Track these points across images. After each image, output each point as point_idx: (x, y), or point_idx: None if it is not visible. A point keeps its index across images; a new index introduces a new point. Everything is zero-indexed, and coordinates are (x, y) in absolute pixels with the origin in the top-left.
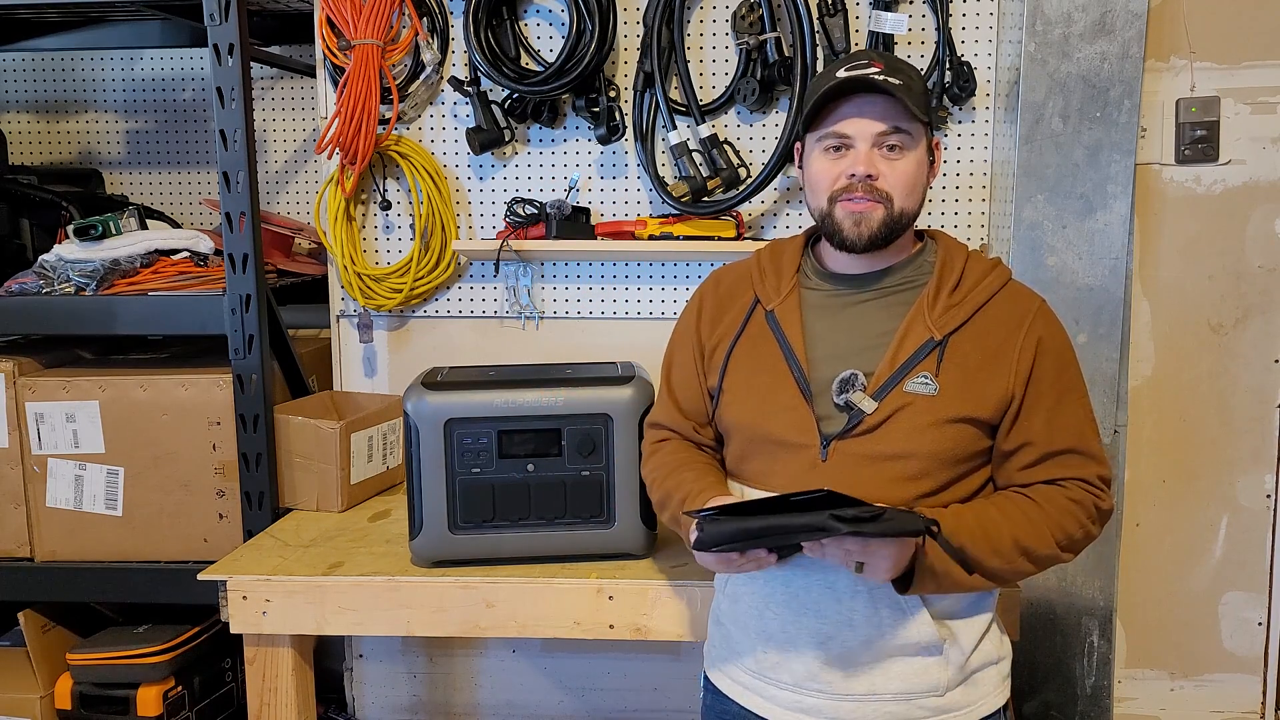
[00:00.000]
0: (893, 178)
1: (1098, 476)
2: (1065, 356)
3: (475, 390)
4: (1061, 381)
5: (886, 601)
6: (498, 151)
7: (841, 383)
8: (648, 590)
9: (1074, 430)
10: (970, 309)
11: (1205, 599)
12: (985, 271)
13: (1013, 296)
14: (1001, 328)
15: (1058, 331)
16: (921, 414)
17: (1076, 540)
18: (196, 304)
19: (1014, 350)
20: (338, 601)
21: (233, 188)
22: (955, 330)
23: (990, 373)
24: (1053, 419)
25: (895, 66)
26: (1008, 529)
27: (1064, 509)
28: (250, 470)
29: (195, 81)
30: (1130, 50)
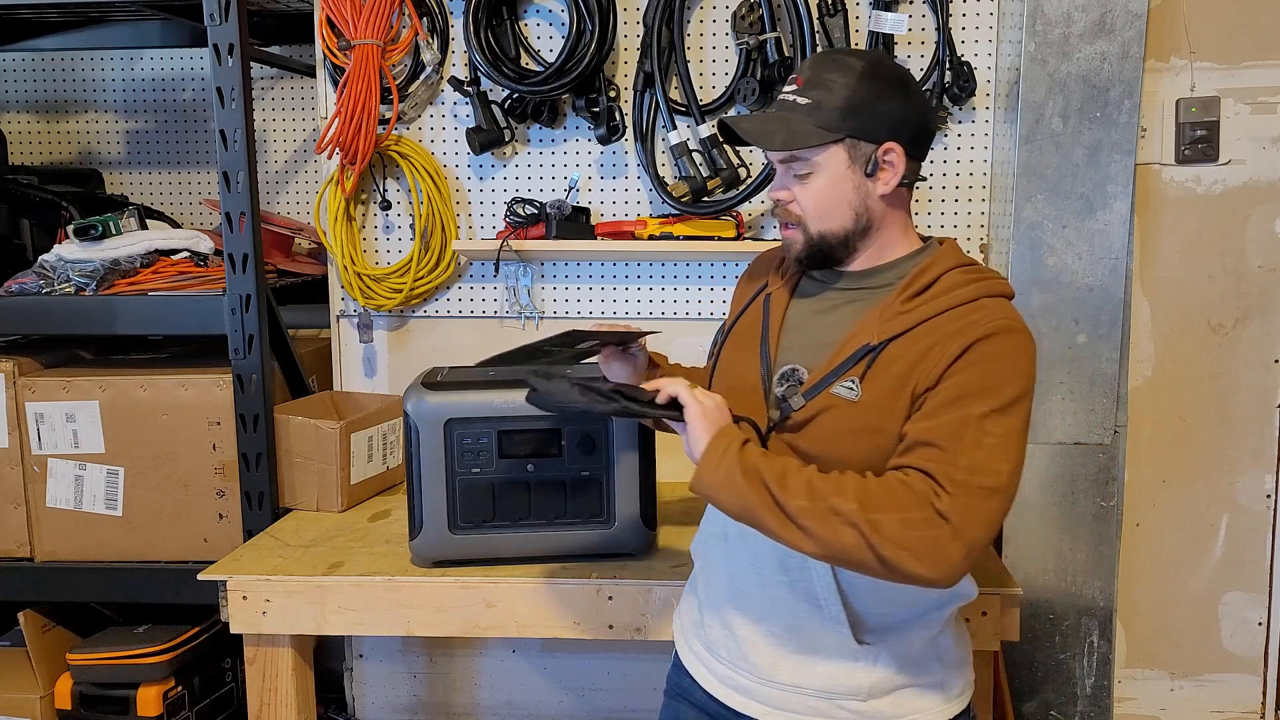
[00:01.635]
0: (804, 201)
1: (948, 477)
2: (992, 372)
3: (475, 390)
4: (971, 388)
5: (804, 594)
6: (498, 151)
7: (782, 376)
8: (648, 590)
9: (955, 431)
10: (918, 318)
11: (1205, 599)
12: (958, 284)
13: (973, 312)
14: (939, 340)
15: (1004, 350)
16: (840, 419)
17: (881, 522)
18: (196, 304)
19: (939, 356)
20: (338, 601)
21: (233, 188)
22: (895, 337)
23: (908, 383)
24: (938, 413)
25: (818, 79)
26: (811, 471)
27: (886, 483)
28: (250, 470)
29: (195, 81)
30: (1130, 50)
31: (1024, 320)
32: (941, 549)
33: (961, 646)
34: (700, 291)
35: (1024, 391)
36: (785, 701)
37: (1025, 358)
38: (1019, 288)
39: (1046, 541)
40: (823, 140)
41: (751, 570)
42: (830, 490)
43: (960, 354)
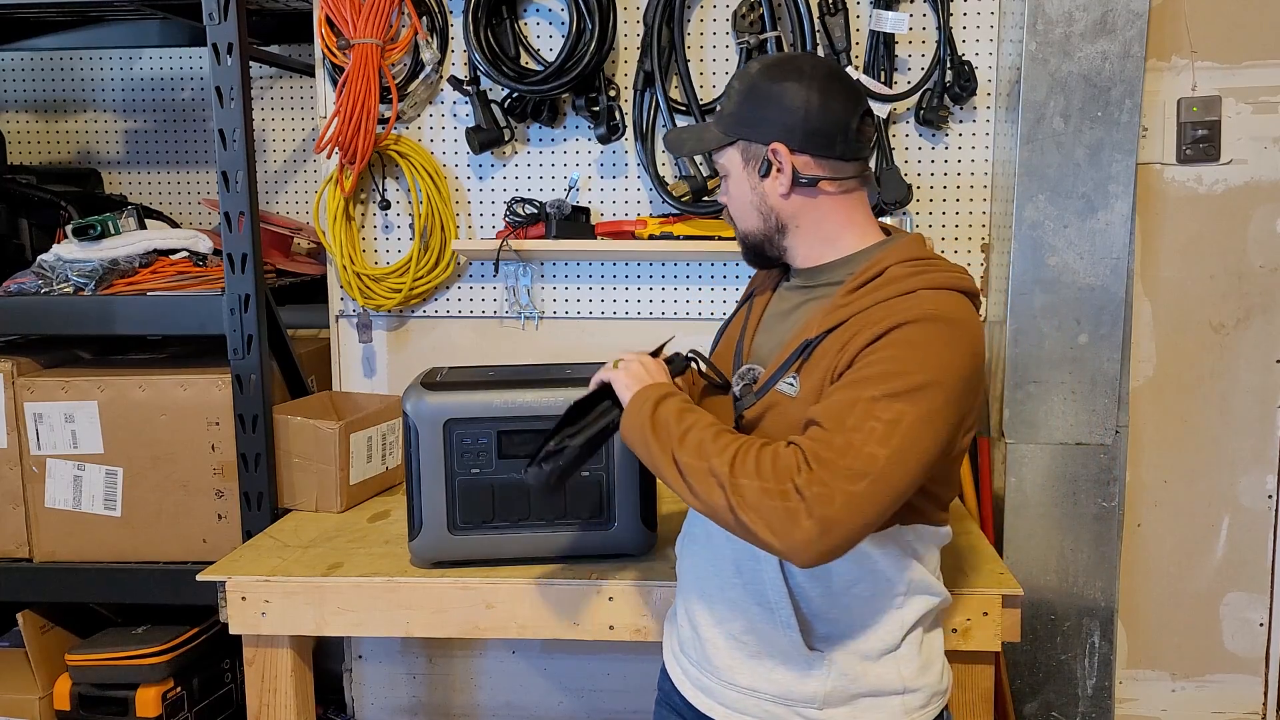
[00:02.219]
0: (727, 204)
1: (816, 455)
2: (902, 356)
3: (475, 390)
4: (873, 371)
5: (756, 596)
6: (497, 151)
7: (739, 376)
8: (648, 591)
9: (840, 412)
10: (854, 310)
11: (1207, 599)
12: (897, 278)
13: (903, 302)
14: (861, 324)
15: (918, 338)
16: (783, 416)
17: (743, 487)
18: (195, 304)
19: (857, 342)
20: (337, 602)
21: (232, 187)
22: (832, 330)
23: (831, 368)
24: (834, 393)
25: (726, 89)
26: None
27: (761, 452)
28: (249, 471)
29: (194, 81)
30: (1131, 49)
31: (970, 314)
32: (790, 522)
33: (927, 658)
34: (700, 291)
35: (932, 381)
36: (744, 705)
37: (944, 348)
38: (1020, 287)
39: (1048, 542)
40: (719, 144)
41: (712, 571)
42: (714, 451)
43: (874, 339)
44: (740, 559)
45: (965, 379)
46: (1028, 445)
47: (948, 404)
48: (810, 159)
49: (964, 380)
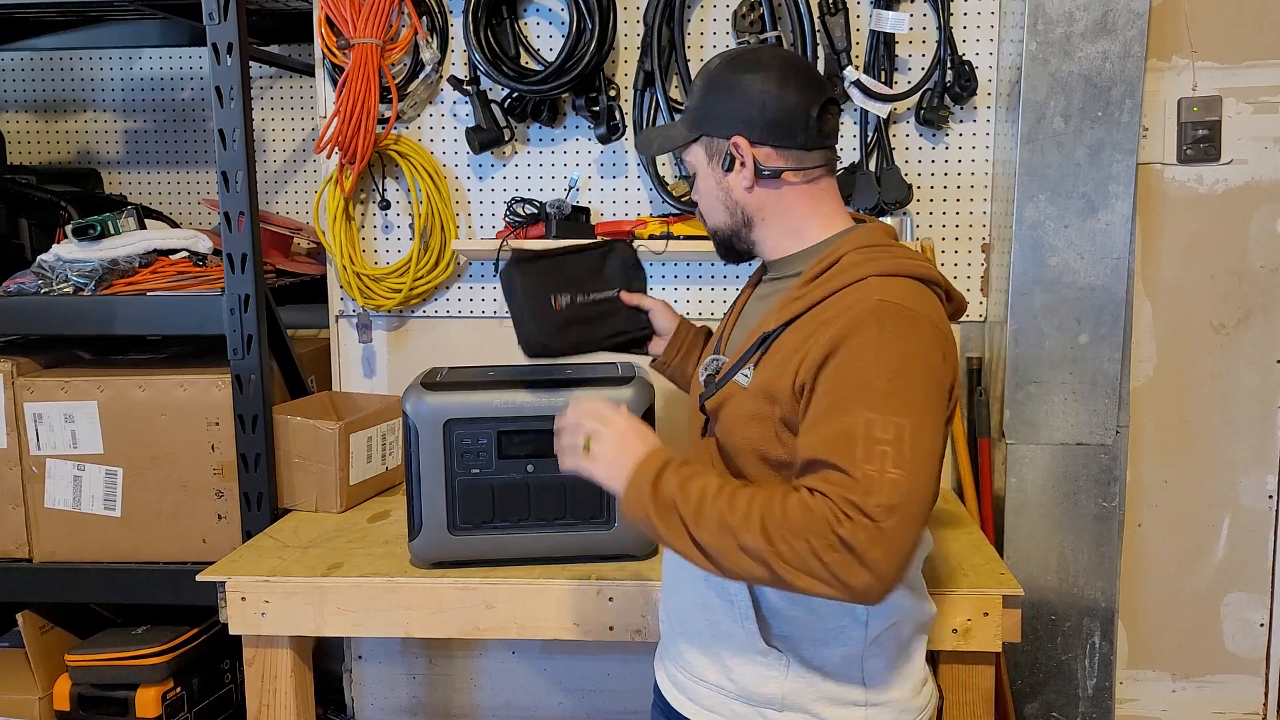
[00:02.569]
0: (699, 202)
1: (846, 500)
2: (867, 360)
3: (475, 391)
4: (847, 386)
5: (717, 589)
6: (497, 151)
7: (704, 369)
8: (648, 591)
9: (836, 443)
10: (808, 302)
11: (1207, 600)
12: (851, 265)
13: (856, 292)
14: (818, 321)
15: (868, 331)
16: (736, 406)
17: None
18: (195, 304)
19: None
20: (337, 603)
21: (231, 187)
22: (789, 322)
23: (787, 366)
24: (816, 425)
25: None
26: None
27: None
28: (249, 471)
29: (194, 81)
30: (1132, 49)
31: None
32: (847, 573)
33: (897, 672)
34: (700, 290)
35: (907, 381)
36: (712, 703)
37: (901, 341)
38: (1021, 287)
39: (1048, 542)
40: (684, 141)
41: (680, 565)
42: (739, 524)
43: (830, 352)
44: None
45: (932, 366)
46: (1028, 445)
47: (928, 396)
48: (772, 150)
49: (932, 367)
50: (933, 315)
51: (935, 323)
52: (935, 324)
